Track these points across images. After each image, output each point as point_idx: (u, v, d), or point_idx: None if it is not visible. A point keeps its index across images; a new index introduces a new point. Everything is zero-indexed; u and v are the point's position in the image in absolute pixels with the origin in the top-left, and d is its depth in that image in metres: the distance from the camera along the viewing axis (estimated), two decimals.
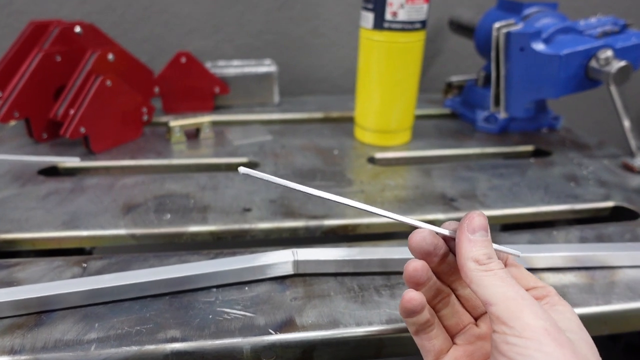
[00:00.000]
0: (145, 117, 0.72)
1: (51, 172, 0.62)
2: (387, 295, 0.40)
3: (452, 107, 0.83)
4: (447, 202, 0.54)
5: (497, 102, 0.67)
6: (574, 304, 0.39)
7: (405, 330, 0.37)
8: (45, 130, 0.67)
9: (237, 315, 0.37)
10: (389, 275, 0.42)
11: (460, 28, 0.82)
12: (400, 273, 0.42)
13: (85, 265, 0.43)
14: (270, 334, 0.36)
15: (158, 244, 0.49)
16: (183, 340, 0.35)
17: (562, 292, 0.41)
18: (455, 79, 0.86)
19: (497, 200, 0.55)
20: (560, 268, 0.44)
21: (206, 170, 0.64)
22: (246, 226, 0.49)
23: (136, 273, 0.40)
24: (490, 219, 0.53)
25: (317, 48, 0.94)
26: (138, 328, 0.36)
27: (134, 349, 0.34)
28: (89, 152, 0.65)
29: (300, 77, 0.96)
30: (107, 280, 0.39)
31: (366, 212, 0.31)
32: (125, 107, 0.67)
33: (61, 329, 0.36)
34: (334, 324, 0.37)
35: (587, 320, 0.39)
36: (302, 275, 0.42)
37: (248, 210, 0.52)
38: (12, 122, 0.74)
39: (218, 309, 0.38)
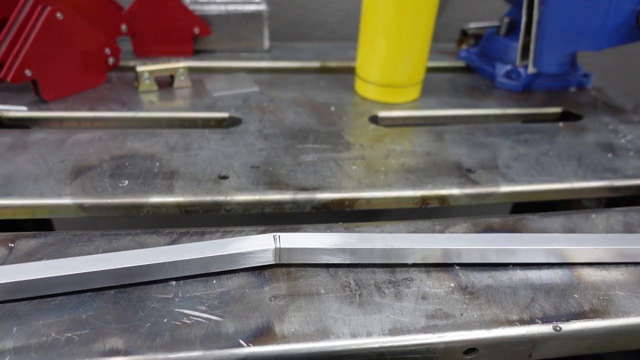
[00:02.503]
0: (110, 60, 0.61)
1: None
2: (391, 295, 0.32)
3: (468, 60, 0.73)
4: (464, 174, 0.45)
5: (525, 54, 0.56)
6: (622, 312, 0.32)
7: (411, 344, 0.29)
8: None
9: (200, 319, 0.29)
10: (394, 268, 0.34)
11: None
12: (407, 266, 0.34)
13: (12, 245, 0.34)
14: (241, 346, 0.28)
15: (112, 217, 0.40)
16: (127, 353, 0.27)
17: (607, 295, 0.33)
18: (472, 26, 0.75)
19: (522, 172, 0.46)
20: (604, 263, 0.35)
21: (179, 126, 0.54)
22: (221, 198, 0.40)
23: (72, 261, 0.31)
24: (516, 196, 0.44)
25: None
26: (69, 335, 0.28)
27: None
28: (40, 100, 0.55)
29: (293, 19, 0.84)
30: (34, 270, 0.30)
31: None
32: (84, 46, 0.57)
33: None
34: (323, 334, 0.29)
35: (639, 332, 0.31)
36: (285, 266, 0.34)
37: (224, 177, 0.43)
38: None
39: (176, 309, 0.30)
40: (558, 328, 0.30)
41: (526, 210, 0.43)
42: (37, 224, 0.60)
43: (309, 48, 0.76)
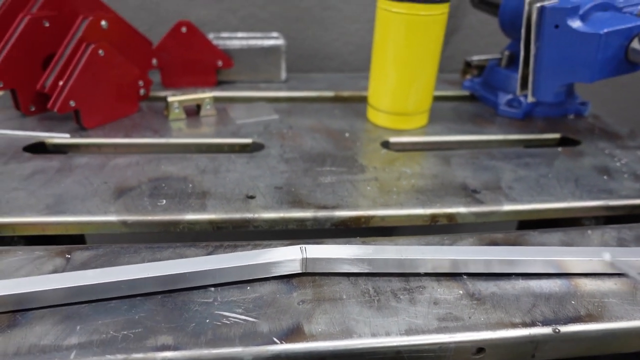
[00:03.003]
0: (142, 92, 0.67)
1: (38, 148, 0.57)
2: (406, 300, 0.36)
3: (472, 89, 0.78)
4: (469, 194, 0.50)
5: (524, 85, 0.61)
6: (616, 317, 0.35)
7: (425, 343, 0.32)
8: (33, 103, 0.62)
9: (238, 320, 0.33)
10: (408, 277, 0.38)
11: (484, 3, 0.76)
12: (420, 275, 0.38)
13: (69, 256, 0.38)
14: (275, 343, 0.32)
15: (152, 232, 0.44)
16: (176, 348, 0.31)
17: (602, 302, 0.36)
18: (475, 58, 0.80)
19: (523, 193, 0.50)
20: (599, 274, 0.39)
21: (207, 151, 0.59)
22: (249, 215, 0.45)
23: (125, 269, 0.35)
24: (517, 214, 0.48)
25: (327, 21, 0.88)
26: (125, 332, 0.32)
27: (120, 357, 0.30)
28: (80, 128, 0.60)
29: (308, 52, 0.90)
30: (92, 277, 0.34)
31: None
32: (120, 79, 0.62)
33: (38, 332, 0.31)
34: (347, 333, 0.33)
35: (630, 336, 0.35)
36: (311, 275, 0.38)
37: (251, 197, 0.47)
38: None
39: (216, 312, 0.34)
40: (557, 330, 0.34)
41: (529, 228, 0.47)
42: (72, 239, 0.65)
43: (323, 79, 0.82)
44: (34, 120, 0.62)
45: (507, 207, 0.48)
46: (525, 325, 0.34)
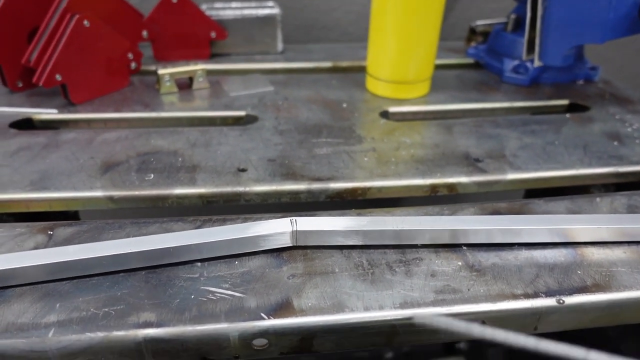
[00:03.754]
0: (133, 65, 0.65)
1: (25, 125, 0.55)
2: (402, 273, 0.34)
3: (476, 56, 0.74)
4: (472, 163, 0.47)
5: (531, 48, 0.58)
6: (624, 286, 0.33)
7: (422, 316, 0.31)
8: (20, 79, 0.60)
9: (224, 296, 0.32)
10: (404, 249, 0.36)
11: None
12: (417, 247, 0.36)
13: (51, 232, 0.37)
14: (263, 318, 0.30)
15: (140, 208, 0.43)
16: (159, 325, 0.30)
17: (610, 272, 0.34)
18: (480, 23, 0.76)
19: (529, 161, 0.48)
20: (607, 242, 0.37)
21: (199, 124, 0.57)
22: (240, 189, 0.43)
23: (107, 244, 0.34)
24: (523, 182, 0.46)
25: None
26: (106, 310, 0.30)
27: (100, 335, 0.29)
28: (69, 103, 0.58)
29: (306, 22, 0.87)
30: (73, 253, 0.33)
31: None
32: (108, 52, 0.60)
33: (16, 310, 0.30)
34: (339, 307, 0.31)
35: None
36: (302, 248, 0.36)
37: (243, 170, 0.45)
38: None
39: (202, 287, 0.32)
40: (561, 301, 0.32)
41: (536, 197, 0.45)
42: (66, 216, 0.64)
43: (321, 49, 0.79)
44: (22, 97, 0.60)
45: (511, 176, 0.46)
46: (527, 296, 0.32)
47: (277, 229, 0.35)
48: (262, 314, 0.30)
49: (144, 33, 0.68)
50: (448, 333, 0.27)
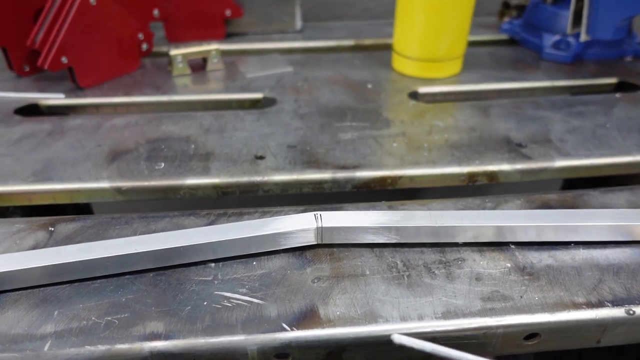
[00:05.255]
0: (144, 46, 0.61)
1: (32, 111, 0.52)
2: (442, 276, 0.30)
3: (511, 32, 0.69)
4: (514, 149, 0.42)
5: (577, 21, 0.52)
6: None
7: (466, 328, 0.27)
8: (27, 62, 0.57)
9: (241, 302, 0.28)
10: (444, 247, 0.32)
11: None
12: (458, 245, 0.32)
13: (52, 229, 0.34)
14: (285, 329, 0.26)
15: (149, 200, 0.39)
16: (167, 337, 0.26)
17: None
18: None
19: (578, 146, 0.43)
20: None
21: (213, 108, 0.53)
22: (258, 178, 0.39)
23: (111, 243, 0.30)
24: (572, 170, 0.41)
25: None
26: (109, 318, 0.27)
27: (101, 348, 0.25)
28: (77, 88, 0.55)
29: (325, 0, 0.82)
30: (73, 253, 0.29)
31: None
32: (117, 32, 0.56)
33: (10, 319, 0.27)
34: (371, 317, 0.27)
35: None
36: (327, 246, 0.32)
37: (261, 158, 0.41)
38: None
39: (216, 292, 0.29)
40: (631, 312, 0.27)
41: (577, 187, 0.40)
42: (78, 209, 0.61)
43: (342, 27, 0.74)
44: (29, 81, 0.57)
45: (560, 163, 0.41)
46: (591, 305, 0.28)
47: (300, 226, 0.31)
48: (284, 325, 0.27)
49: (155, 12, 0.64)
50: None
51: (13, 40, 0.55)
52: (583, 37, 0.53)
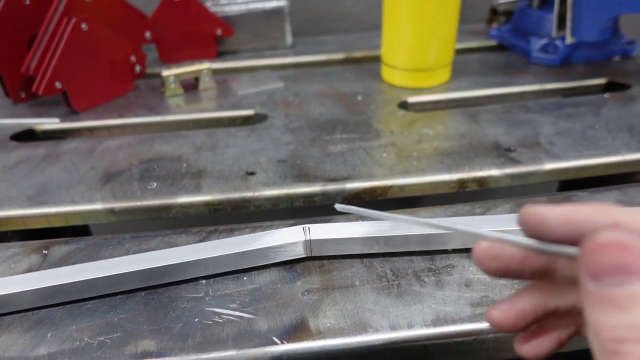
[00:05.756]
0: (137, 69, 0.62)
1: (28, 136, 0.53)
2: (432, 283, 0.30)
3: (499, 38, 0.69)
4: (503, 154, 0.43)
5: (562, 24, 0.53)
6: None
7: (457, 334, 0.27)
8: (23, 89, 0.58)
9: (232, 317, 0.28)
10: (433, 255, 0.32)
11: None
12: (447, 252, 0.32)
13: (46, 252, 0.34)
14: (275, 343, 0.27)
15: (142, 219, 0.40)
16: (159, 355, 0.26)
17: None
18: (502, 1, 0.71)
19: (567, 148, 0.43)
20: None
21: (206, 126, 0.54)
22: (249, 194, 0.39)
23: (102, 264, 0.31)
24: (562, 172, 0.41)
25: None
26: (101, 339, 0.27)
27: None
28: (72, 111, 0.56)
29: (315, 14, 0.83)
30: (65, 275, 0.30)
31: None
32: (110, 55, 0.57)
33: (3, 342, 0.27)
34: (361, 327, 0.27)
35: None
36: (317, 259, 0.32)
37: (251, 173, 0.42)
38: None
39: (207, 308, 0.29)
40: None
41: (574, 188, 0.40)
42: (76, 230, 0.62)
43: (333, 41, 0.75)
44: (25, 107, 0.58)
45: (549, 166, 0.41)
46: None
47: (289, 239, 0.31)
48: (275, 338, 0.27)
49: (147, 34, 0.65)
50: None
51: (8, 68, 0.56)
52: (568, 40, 0.54)
